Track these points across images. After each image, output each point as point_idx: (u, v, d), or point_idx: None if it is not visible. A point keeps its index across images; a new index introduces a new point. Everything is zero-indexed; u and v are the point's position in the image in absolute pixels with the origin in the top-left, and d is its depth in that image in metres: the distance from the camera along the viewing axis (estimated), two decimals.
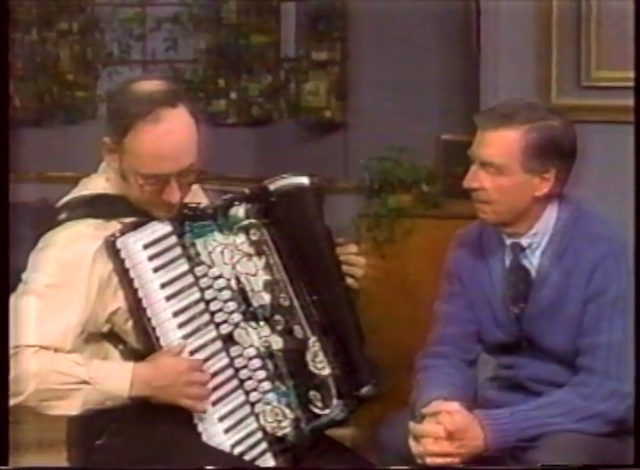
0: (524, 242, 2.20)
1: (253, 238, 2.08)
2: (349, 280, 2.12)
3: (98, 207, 2.03)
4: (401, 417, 2.16)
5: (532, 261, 2.20)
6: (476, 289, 2.27)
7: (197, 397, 1.98)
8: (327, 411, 2.07)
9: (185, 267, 2.02)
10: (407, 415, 2.15)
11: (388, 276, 3.42)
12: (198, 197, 2.15)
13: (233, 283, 2.05)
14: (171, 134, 1.94)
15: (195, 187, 2.10)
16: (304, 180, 2.11)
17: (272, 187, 2.10)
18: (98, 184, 2.07)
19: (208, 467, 1.93)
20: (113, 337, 2.04)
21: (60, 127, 5.54)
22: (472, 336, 2.29)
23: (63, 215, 2.02)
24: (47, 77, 5.55)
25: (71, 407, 1.94)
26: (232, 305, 2.04)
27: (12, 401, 1.91)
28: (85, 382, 1.93)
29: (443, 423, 2.05)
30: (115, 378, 1.95)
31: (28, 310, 1.94)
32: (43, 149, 5.42)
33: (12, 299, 1.96)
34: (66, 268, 1.95)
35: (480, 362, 2.33)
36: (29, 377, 1.90)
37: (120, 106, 1.97)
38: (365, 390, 2.09)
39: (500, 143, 2.13)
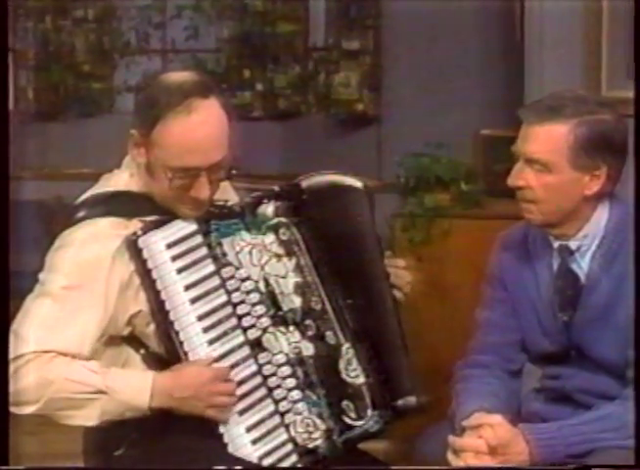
0: (572, 244, 2.19)
1: (283, 237, 2.08)
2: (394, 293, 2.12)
3: (119, 204, 2.04)
4: (440, 430, 2.16)
5: (582, 266, 2.19)
6: (520, 294, 2.26)
7: (222, 406, 1.99)
8: (360, 422, 2.07)
9: (211, 268, 2.02)
10: (446, 428, 2.15)
11: (425, 280, 3.42)
12: (227, 194, 2.15)
13: (261, 285, 2.05)
14: (203, 126, 1.96)
15: (224, 184, 2.10)
16: (338, 179, 2.12)
17: (304, 184, 2.11)
18: (120, 180, 2.08)
19: (218, 467, 1.93)
20: (133, 341, 2.04)
21: (75, 121, 5.59)
22: (515, 344, 2.28)
23: (81, 213, 2.03)
24: (61, 68, 5.59)
25: (89, 417, 1.95)
26: (260, 309, 2.05)
27: (27, 410, 1.93)
28: (102, 391, 1.94)
29: (485, 437, 2.04)
30: (134, 388, 1.96)
31: (45, 314, 1.95)
32: (58, 144, 5.47)
33: (27, 301, 1.98)
34: (83, 269, 1.96)
35: (524, 373, 2.33)
36: (45, 384, 1.92)
37: (149, 96, 1.98)
38: (403, 401, 2.08)
39: (547, 138, 2.13)
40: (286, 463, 2.03)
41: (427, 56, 4.47)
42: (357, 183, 2.12)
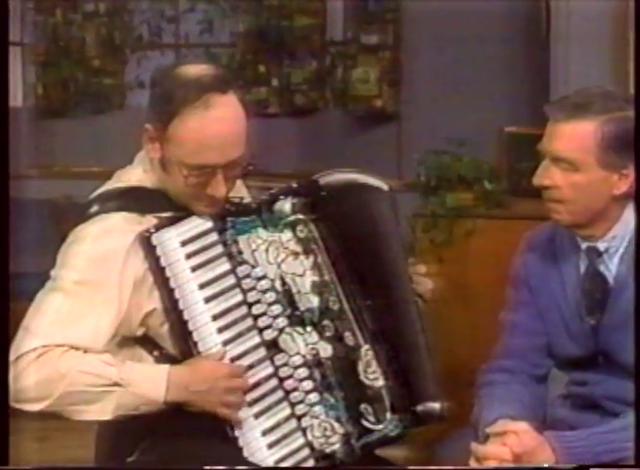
0: (600, 246, 2.19)
1: (301, 235, 2.08)
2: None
3: (133, 199, 2.05)
4: (462, 437, 2.16)
5: (610, 268, 2.19)
6: (546, 297, 2.26)
7: (236, 405, 1.99)
8: (380, 426, 2.07)
9: (226, 267, 2.03)
10: (468, 435, 2.15)
11: (447, 282, 3.42)
12: (240, 193, 2.16)
13: (278, 284, 2.06)
14: (220, 122, 1.96)
15: (237, 182, 2.12)
16: (358, 177, 2.12)
17: (322, 181, 2.11)
18: (133, 176, 2.09)
19: (219, 467, 1.94)
20: (147, 342, 2.05)
21: (85, 118, 5.60)
22: (541, 349, 2.28)
23: (94, 209, 2.04)
24: (71, 63, 5.61)
25: (103, 412, 1.96)
26: (277, 309, 2.05)
27: (37, 406, 1.93)
28: (117, 384, 1.94)
29: (510, 444, 2.04)
30: (150, 380, 1.96)
31: (56, 308, 1.96)
32: (67, 142, 5.49)
33: (38, 296, 1.99)
34: (96, 264, 1.97)
35: (550, 378, 2.32)
36: (58, 379, 1.92)
37: (165, 90, 1.99)
38: (423, 407, 2.08)
39: (574, 136, 2.12)
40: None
41: (448, 50, 4.47)
42: (378, 182, 2.13)
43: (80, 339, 1.95)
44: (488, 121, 4.08)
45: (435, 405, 2.08)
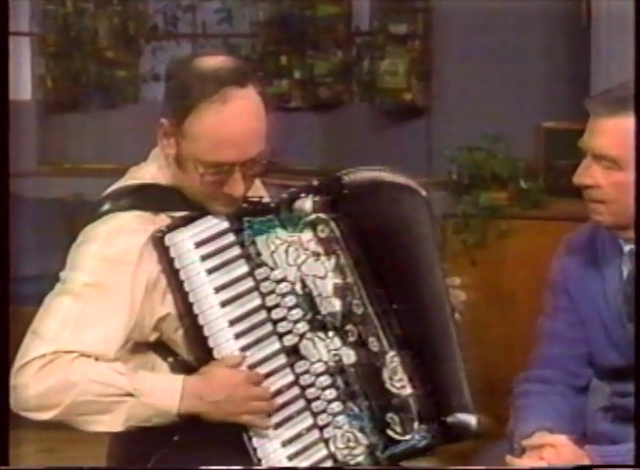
0: None
1: (322, 235, 2.08)
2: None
3: (146, 198, 2.05)
4: (496, 449, 2.16)
5: None
6: (586, 303, 2.25)
7: (258, 412, 2.00)
8: (407, 437, 2.06)
9: (244, 269, 2.03)
10: (503, 447, 2.15)
11: (480, 287, 3.42)
12: (258, 191, 2.16)
13: (298, 287, 2.05)
14: (239, 117, 1.96)
15: (256, 180, 2.12)
16: (384, 175, 2.12)
17: (345, 179, 2.11)
18: (147, 173, 2.09)
19: (218, 468, 1.95)
20: (161, 348, 2.06)
21: (97, 112, 5.63)
22: (581, 358, 2.28)
23: (105, 207, 2.04)
24: (83, 55, 5.64)
25: (114, 423, 1.96)
26: (297, 313, 2.05)
27: (46, 415, 1.94)
28: (129, 394, 1.95)
29: (547, 458, 2.04)
30: (163, 391, 1.96)
31: (66, 312, 1.96)
32: (78, 137, 5.52)
33: (47, 299, 1.99)
34: (107, 265, 1.97)
35: (590, 389, 2.32)
36: (67, 387, 1.93)
37: (181, 83, 1.99)
38: (454, 417, 2.07)
39: (616, 132, 2.12)
40: None
41: (482, 40, 4.46)
42: (406, 180, 2.13)
43: (91, 345, 1.95)
44: (525, 116, 4.08)
45: (468, 418, 2.07)
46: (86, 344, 1.95)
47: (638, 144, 2.12)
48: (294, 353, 2.04)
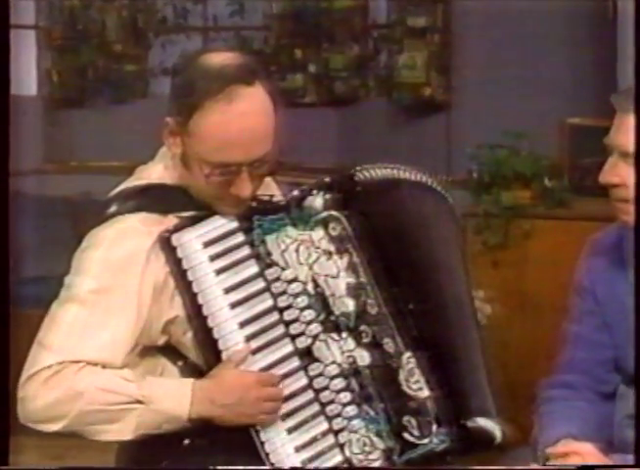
0: None
1: (334, 233, 2.08)
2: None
3: (152, 198, 2.06)
4: (519, 457, 2.16)
5: None
6: (613, 306, 2.25)
7: (271, 412, 2.00)
8: (424, 441, 2.06)
9: (254, 269, 2.03)
10: (526, 455, 2.14)
11: (502, 289, 3.41)
12: (270, 190, 2.16)
13: (310, 287, 2.06)
14: (245, 117, 1.96)
15: (267, 179, 2.12)
16: (400, 172, 2.12)
17: (358, 176, 2.11)
18: (154, 173, 2.10)
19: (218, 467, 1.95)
20: (170, 351, 2.06)
21: (105, 107, 5.64)
22: (608, 363, 2.27)
23: (111, 209, 2.05)
24: (90, 48, 5.65)
25: (124, 431, 1.97)
26: (309, 314, 2.05)
27: (54, 427, 1.95)
28: (138, 401, 1.95)
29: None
30: (173, 396, 1.97)
31: (72, 320, 1.97)
32: (86, 133, 5.53)
33: (52, 307, 2.00)
34: (113, 270, 1.98)
35: (617, 396, 2.31)
36: (74, 397, 1.94)
37: (186, 81, 1.99)
38: (474, 421, 2.07)
39: None
40: None
41: (503, 33, 4.45)
42: (423, 177, 2.13)
43: (98, 353, 1.96)
44: (549, 112, 4.07)
45: (490, 424, 2.07)
46: (93, 352, 1.96)
47: (638, 144, 2.12)
48: (307, 356, 2.04)
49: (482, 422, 2.08)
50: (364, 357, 2.06)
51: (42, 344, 1.97)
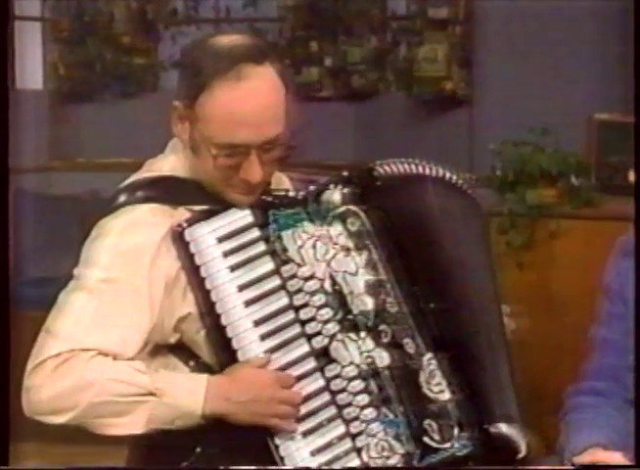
0: None
1: (352, 228, 2.08)
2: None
3: (163, 190, 2.05)
4: (545, 466, 2.15)
5: None
6: None
7: (286, 415, 2.00)
8: (446, 445, 2.05)
9: (269, 266, 2.03)
10: (553, 464, 2.14)
11: (526, 291, 3.41)
12: (282, 186, 2.16)
13: (327, 285, 2.05)
14: (254, 95, 1.96)
15: (278, 175, 2.12)
16: (421, 167, 2.12)
17: (379, 170, 2.11)
18: (165, 165, 2.10)
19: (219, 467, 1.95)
20: (181, 351, 2.06)
21: (114, 102, 5.66)
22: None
23: (120, 200, 2.05)
24: (98, 41, 5.67)
25: (134, 425, 1.95)
26: (327, 313, 2.04)
27: (61, 419, 1.94)
28: (151, 393, 1.94)
29: None
30: (187, 390, 1.96)
31: (81, 309, 1.97)
32: (93, 129, 5.55)
33: (60, 297, 2.00)
34: (122, 260, 1.98)
35: None
36: (84, 387, 1.92)
37: (194, 61, 2.00)
38: (496, 427, 2.07)
39: None
40: None
41: (528, 26, 4.45)
42: (444, 173, 2.12)
43: (109, 343, 1.95)
44: (575, 107, 4.06)
45: (513, 432, 2.07)
46: (104, 342, 1.95)
47: (638, 144, 2.12)
48: (323, 356, 2.03)
49: (506, 429, 2.07)
50: (383, 358, 2.05)
51: (50, 332, 1.96)
